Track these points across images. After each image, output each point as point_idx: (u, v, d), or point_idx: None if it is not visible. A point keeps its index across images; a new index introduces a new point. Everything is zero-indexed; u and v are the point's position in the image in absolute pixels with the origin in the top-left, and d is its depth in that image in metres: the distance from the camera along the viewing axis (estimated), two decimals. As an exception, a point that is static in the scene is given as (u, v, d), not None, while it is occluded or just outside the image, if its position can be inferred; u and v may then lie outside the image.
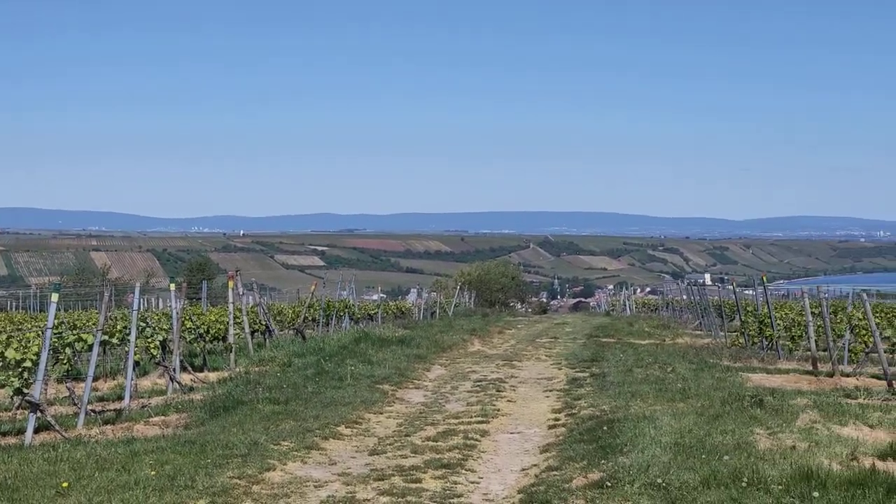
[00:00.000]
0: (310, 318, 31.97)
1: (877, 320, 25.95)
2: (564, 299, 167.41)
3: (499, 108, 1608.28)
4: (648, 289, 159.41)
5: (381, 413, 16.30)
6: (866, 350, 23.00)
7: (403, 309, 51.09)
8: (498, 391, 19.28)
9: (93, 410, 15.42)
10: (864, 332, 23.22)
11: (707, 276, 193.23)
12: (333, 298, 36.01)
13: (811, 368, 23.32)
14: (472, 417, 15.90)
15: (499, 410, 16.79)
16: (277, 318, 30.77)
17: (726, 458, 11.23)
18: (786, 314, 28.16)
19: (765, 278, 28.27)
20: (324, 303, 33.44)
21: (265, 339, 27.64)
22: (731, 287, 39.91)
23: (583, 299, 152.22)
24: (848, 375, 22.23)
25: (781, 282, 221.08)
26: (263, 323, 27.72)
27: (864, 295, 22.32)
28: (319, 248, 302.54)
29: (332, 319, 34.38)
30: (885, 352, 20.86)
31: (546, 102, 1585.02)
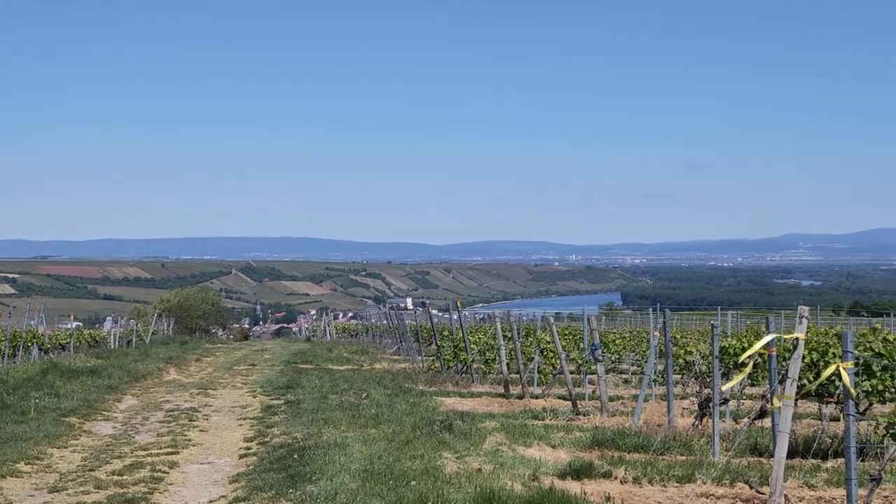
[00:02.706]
0: (-7, 350, 30.40)
1: (563, 343, 26.98)
2: (267, 325, 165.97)
3: (193, 131, 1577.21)
4: (351, 314, 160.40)
5: (66, 447, 15.62)
6: (554, 372, 23.83)
7: (98, 338, 49.36)
8: (190, 421, 18.87)
9: None
10: (552, 354, 24.05)
11: (409, 300, 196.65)
12: (21, 328, 34.41)
13: (503, 391, 24.03)
14: (161, 449, 15.47)
15: (190, 441, 16.41)
16: (-42, 351, 29.10)
17: (413, 483, 11.34)
18: (480, 338, 28.85)
19: (459, 303, 28.89)
20: (9, 333, 31.86)
21: (-57, 373, 26.07)
22: (431, 312, 40.59)
23: (286, 325, 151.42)
24: (538, 397, 23.02)
25: (480, 305, 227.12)
26: (-59, 355, 26.17)
27: (551, 319, 23.19)
28: (10, 276, 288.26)
29: (18, 350, 32.80)
30: (570, 373, 21.66)
31: (242, 126, 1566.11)
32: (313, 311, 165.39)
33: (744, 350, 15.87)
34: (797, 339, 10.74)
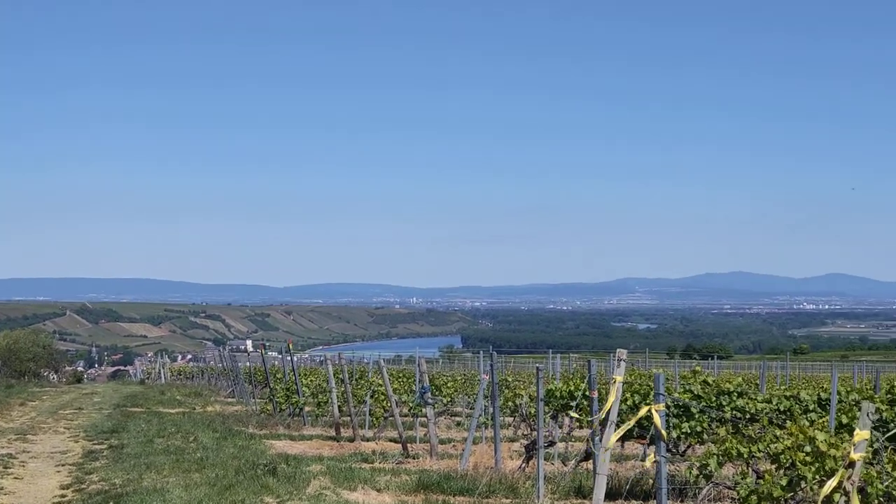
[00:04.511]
0: None
1: (396, 386, 26.98)
2: (103, 368, 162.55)
3: (27, 168, 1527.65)
4: (190, 356, 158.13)
5: None
6: (386, 415, 23.74)
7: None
8: (5, 468, 18.10)
9: None
10: (383, 397, 23.97)
11: (249, 342, 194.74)
12: None
13: (335, 434, 23.84)
14: (-30, 498, 14.83)
15: (1, 489, 15.76)
16: None
17: (230, 529, 11.09)
18: (312, 381, 28.62)
19: (290, 345, 28.63)
20: None
21: None
22: (271, 354, 40.16)
23: (122, 367, 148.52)
24: (369, 440, 22.89)
25: (320, 347, 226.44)
26: None
27: (382, 362, 23.02)
28: None
29: None
30: (402, 416, 21.60)
31: (78, 163, 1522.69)
32: (151, 354, 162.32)
33: (570, 393, 16.03)
34: (616, 381, 10.87)
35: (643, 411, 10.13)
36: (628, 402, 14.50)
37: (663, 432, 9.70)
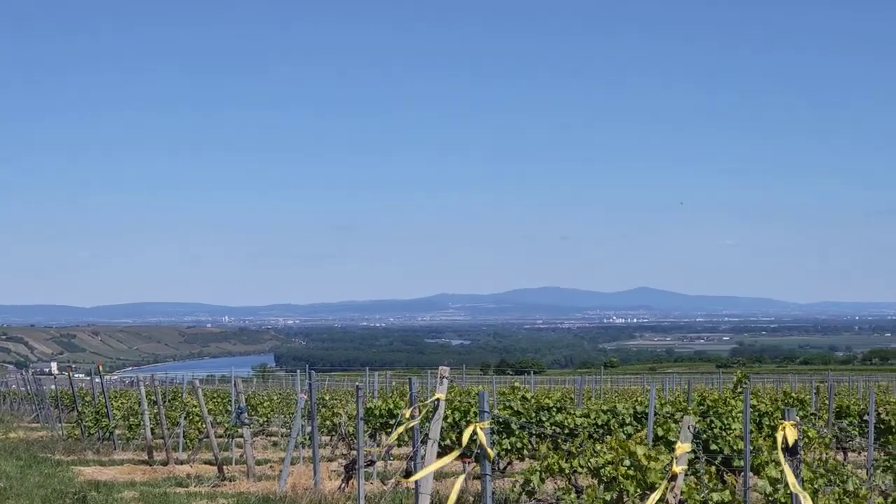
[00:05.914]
0: None
1: (212, 406, 26.46)
2: None
3: None
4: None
5: None
6: (201, 436, 23.22)
7: None
8: None
9: None
10: (198, 418, 23.44)
11: (54, 364, 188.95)
12: None
13: (147, 458, 23.23)
14: None
15: None
16: None
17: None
18: (124, 403, 27.84)
19: (101, 367, 27.81)
20: None
21: None
22: (78, 377, 38.83)
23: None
24: (183, 463, 22.36)
25: (130, 368, 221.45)
26: None
27: (197, 382, 22.51)
28: None
29: None
30: (217, 437, 21.13)
31: None
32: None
33: (389, 412, 15.92)
34: (438, 399, 10.77)
35: (469, 429, 10.04)
36: (449, 420, 14.47)
37: (489, 451, 9.64)
